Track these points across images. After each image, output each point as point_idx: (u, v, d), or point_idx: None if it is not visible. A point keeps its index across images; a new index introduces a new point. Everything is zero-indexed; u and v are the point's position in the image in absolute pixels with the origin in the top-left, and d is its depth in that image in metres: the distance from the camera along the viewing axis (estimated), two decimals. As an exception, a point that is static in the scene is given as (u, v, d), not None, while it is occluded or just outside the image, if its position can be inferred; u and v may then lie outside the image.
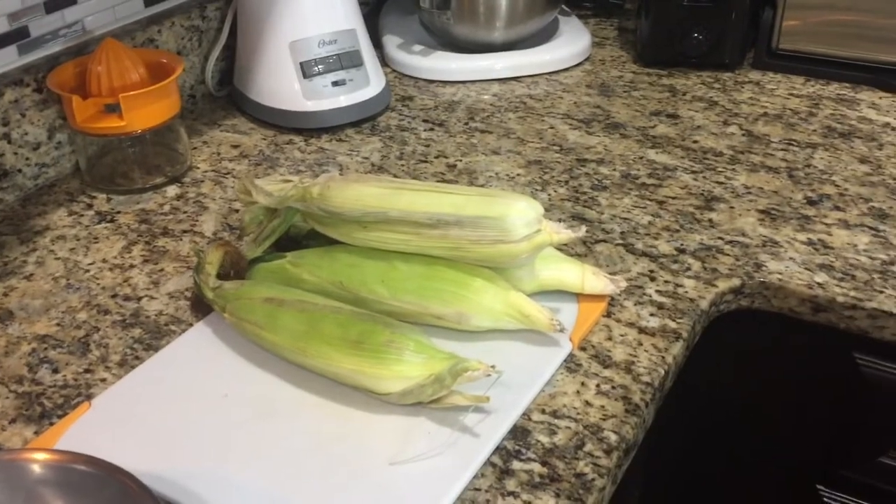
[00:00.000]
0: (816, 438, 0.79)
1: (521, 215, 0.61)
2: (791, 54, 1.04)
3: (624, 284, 0.66)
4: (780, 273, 0.71)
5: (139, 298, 0.71)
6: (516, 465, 0.55)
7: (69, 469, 0.44)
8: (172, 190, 0.86)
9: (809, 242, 0.75)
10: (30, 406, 0.60)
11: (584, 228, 0.63)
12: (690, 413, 0.75)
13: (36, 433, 0.58)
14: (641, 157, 0.89)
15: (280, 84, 0.95)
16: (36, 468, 0.44)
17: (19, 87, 0.82)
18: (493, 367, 0.55)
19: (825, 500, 0.81)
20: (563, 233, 0.62)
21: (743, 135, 0.92)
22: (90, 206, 0.83)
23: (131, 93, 0.80)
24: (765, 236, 0.76)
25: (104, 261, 0.75)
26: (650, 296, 0.69)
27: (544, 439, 0.56)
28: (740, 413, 0.80)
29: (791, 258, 0.73)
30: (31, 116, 0.83)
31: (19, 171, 0.84)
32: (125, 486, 0.43)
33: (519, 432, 0.57)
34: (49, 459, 0.44)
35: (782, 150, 0.89)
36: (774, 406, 0.79)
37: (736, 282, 0.71)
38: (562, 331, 0.62)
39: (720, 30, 1.03)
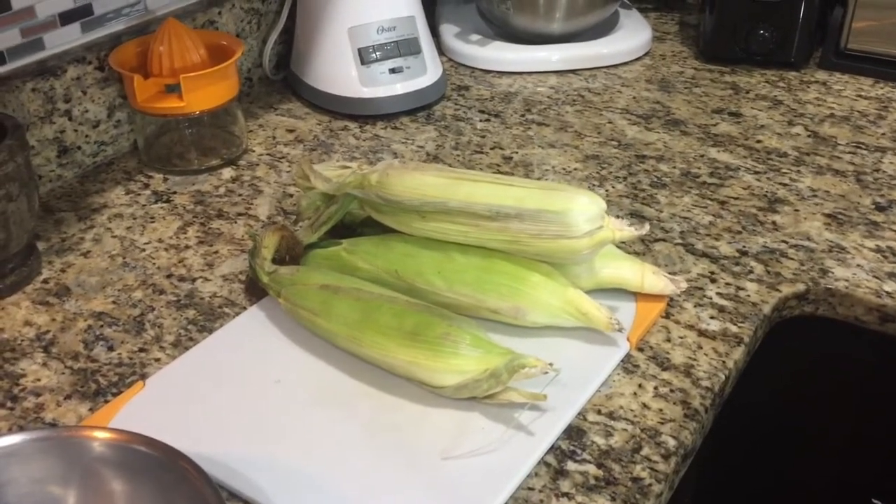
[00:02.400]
0: (874, 450, 0.77)
1: (583, 210, 0.59)
2: (860, 55, 1.01)
3: (684, 285, 0.65)
4: (846, 280, 0.69)
5: (194, 279, 0.71)
6: (571, 465, 0.54)
7: (128, 449, 0.44)
8: (228, 172, 0.86)
9: (878, 249, 0.72)
10: (85, 383, 0.61)
11: (647, 226, 0.61)
12: (745, 419, 0.73)
13: (91, 410, 0.58)
14: (702, 156, 0.87)
15: (337, 70, 0.94)
16: (95, 446, 0.44)
17: (82, 64, 0.82)
18: (550, 364, 0.54)
19: (881, 514, 0.78)
20: (626, 230, 0.60)
21: (808, 136, 0.90)
22: (147, 186, 0.84)
23: (192, 74, 0.80)
24: (831, 241, 0.73)
25: (160, 240, 0.75)
26: (710, 298, 0.67)
27: (600, 441, 0.55)
28: (797, 420, 0.78)
29: (858, 265, 0.70)
30: (92, 94, 0.84)
31: (79, 148, 0.85)
32: (184, 471, 0.42)
33: (574, 432, 0.56)
34: (108, 438, 0.44)
35: (850, 153, 0.86)
36: (833, 415, 0.77)
37: (800, 287, 0.68)
38: (620, 330, 0.61)
39: (787, 27, 1.00)
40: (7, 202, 0.65)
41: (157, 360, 0.63)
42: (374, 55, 0.93)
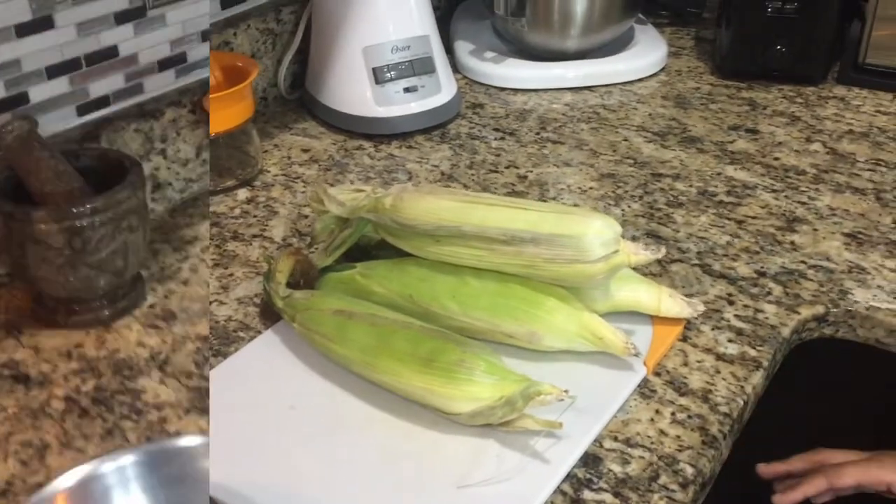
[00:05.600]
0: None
1: (598, 235, 0.59)
2: (879, 69, 1.00)
3: (702, 308, 0.64)
4: (867, 301, 0.68)
5: (209, 303, 0.71)
6: (587, 494, 0.53)
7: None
8: (243, 193, 0.86)
9: (899, 270, 0.71)
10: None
11: (663, 250, 0.61)
12: (762, 444, 0.72)
13: (107, 436, 0.59)
14: (719, 174, 0.86)
15: (352, 89, 0.94)
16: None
17: (177, 107, 0.84)
18: (566, 391, 0.54)
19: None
20: (642, 254, 0.60)
21: (827, 153, 0.89)
22: (163, 208, 0.84)
23: (209, 96, 0.80)
24: (851, 262, 0.72)
25: (176, 263, 0.76)
26: (728, 321, 0.66)
27: (617, 468, 0.55)
28: (816, 445, 0.76)
29: (879, 286, 0.69)
30: (185, 135, 0.86)
31: (169, 184, 0.86)
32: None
33: (590, 460, 0.55)
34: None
35: (869, 170, 0.85)
36: (853, 440, 0.75)
37: (820, 309, 0.68)
38: (636, 355, 0.60)
39: (805, 42, 0.99)
40: (129, 233, 0.69)
41: (173, 385, 0.63)
42: (388, 74, 0.93)
